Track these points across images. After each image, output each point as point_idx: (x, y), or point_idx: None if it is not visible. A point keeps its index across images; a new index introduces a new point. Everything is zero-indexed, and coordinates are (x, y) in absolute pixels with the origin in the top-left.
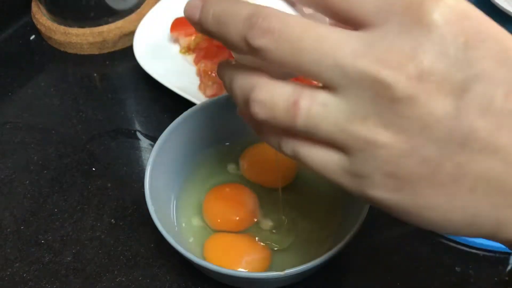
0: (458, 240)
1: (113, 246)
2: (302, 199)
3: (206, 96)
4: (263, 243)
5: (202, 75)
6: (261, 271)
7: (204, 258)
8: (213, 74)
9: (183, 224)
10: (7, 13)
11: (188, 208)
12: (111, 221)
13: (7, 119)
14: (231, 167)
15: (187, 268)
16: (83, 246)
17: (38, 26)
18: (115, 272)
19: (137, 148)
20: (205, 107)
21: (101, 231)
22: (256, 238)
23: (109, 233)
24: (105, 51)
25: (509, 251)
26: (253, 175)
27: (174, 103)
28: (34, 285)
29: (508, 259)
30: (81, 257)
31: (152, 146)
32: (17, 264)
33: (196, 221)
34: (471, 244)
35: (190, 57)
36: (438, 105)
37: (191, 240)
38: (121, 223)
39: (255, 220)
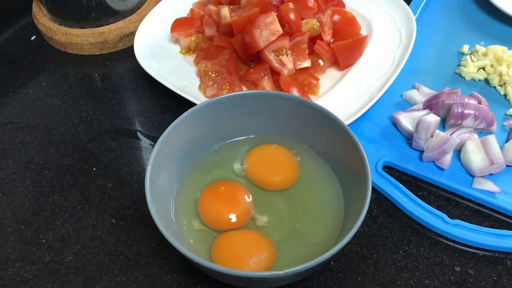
0: (458, 240)
1: (114, 245)
2: (303, 200)
3: (206, 96)
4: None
5: (202, 75)
6: (266, 270)
7: (211, 260)
8: (213, 74)
9: (183, 225)
10: (8, 13)
11: (188, 208)
12: (111, 221)
13: (8, 119)
14: (236, 167)
15: (187, 268)
16: (83, 245)
17: (39, 27)
18: (116, 271)
19: (137, 148)
20: (205, 107)
21: (101, 231)
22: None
23: (110, 233)
24: (106, 51)
25: (508, 250)
26: (256, 176)
27: (174, 103)
28: (35, 285)
29: (507, 259)
30: (81, 257)
31: (153, 146)
32: (18, 264)
33: (196, 221)
34: (471, 244)
35: (190, 58)
36: None
37: (191, 240)
38: (121, 223)
39: (250, 217)
